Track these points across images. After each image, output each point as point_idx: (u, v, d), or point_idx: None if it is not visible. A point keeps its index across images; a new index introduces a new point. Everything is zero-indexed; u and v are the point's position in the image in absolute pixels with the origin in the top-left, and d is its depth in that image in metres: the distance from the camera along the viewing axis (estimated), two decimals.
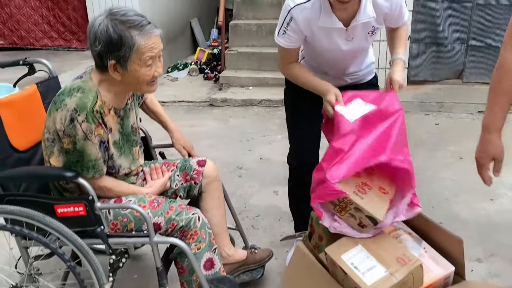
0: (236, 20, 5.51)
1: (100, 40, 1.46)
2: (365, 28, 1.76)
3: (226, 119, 4.40)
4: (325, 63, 1.92)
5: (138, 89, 1.60)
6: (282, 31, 1.76)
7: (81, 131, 1.47)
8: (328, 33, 1.75)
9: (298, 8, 1.69)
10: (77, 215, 1.54)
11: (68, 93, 1.50)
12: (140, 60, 1.49)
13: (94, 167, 1.53)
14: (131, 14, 1.49)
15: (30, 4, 5.31)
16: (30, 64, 1.93)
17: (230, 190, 2.94)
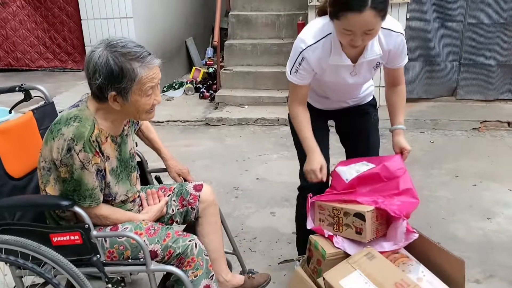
0: (231, 40, 5.56)
1: (100, 72, 1.45)
2: (370, 63, 1.82)
3: (222, 138, 4.40)
4: (329, 91, 1.98)
5: (137, 117, 1.61)
6: (295, 70, 1.81)
7: (78, 161, 1.47)
8: (336, 69, 1.81)
9: (310, 49, 1.75)
10: (73, 243, 1.52)
11: (65, 122, 1.50)
12: (141, 91, 1.50)
13: (91, 196, 1.53)
14: (131, 46, 1.49)
15: (26, 26, 5.34)
16: (26, 90, 1.93)
17: (226, 212, 2.93)
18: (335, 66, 1.79)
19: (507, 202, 2.98)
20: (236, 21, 5.58)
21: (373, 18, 1.55)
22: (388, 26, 1.73)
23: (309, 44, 1.74)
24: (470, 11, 4.63)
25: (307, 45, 1.74)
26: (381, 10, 1.55)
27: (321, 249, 1.71)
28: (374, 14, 1.54)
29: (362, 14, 1.53)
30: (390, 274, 1.54)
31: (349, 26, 1.58)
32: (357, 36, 1.60)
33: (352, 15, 1.55)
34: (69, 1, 5.16)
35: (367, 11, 1.53)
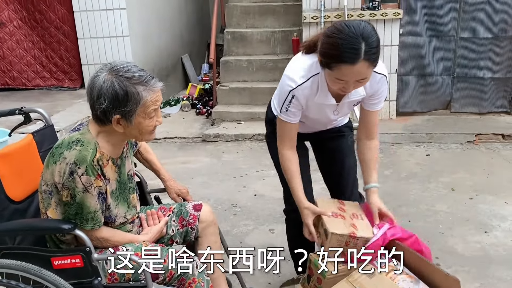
0: (227, 56, 5.62)
1: (105, 97, 1.47)
2: (352, 102, 1.87)
3: (219, 154, 4.42)
4: (311, 122, 1.99)
5: (139, 139, 1.63)
6: (285, 108, 1.81)
7: (80, 184, 1.48)
8: (320, 107, 1.85)
9: (300, 88, 1.76)
10: (74, 266, 1.52)
11: (66, 146, 1.52)
12: (145, 114, 1.53)
13: (93, 219, 1.54)
14: (135, 70, 1.52)
15: (23, 46, 5.37)
16: (26, 113, 1.95)
17: (225, 229, 2.94)
18: (320, 104, 1.82)
19: (503, 216, 3.00)
20: (231, 38, 5.65)
21: (366, 68, 1.58)
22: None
23: (298, 83, 1.76)
24: (461, 26, 4.71)
25: (297, 84, 1.76)
26: (373, 60, 1.58)
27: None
28: (367, 65, 1.57)
29: (355, 66, 1.55)
30: None
31: (342, 76, 1.60)
32: (349, 84, 1.63)
33: (345, 67, 1.57)
34: (66, 21, 5.20)
35: (360, 63, 1.55)
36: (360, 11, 4.67)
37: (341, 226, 1.73)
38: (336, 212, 1.82)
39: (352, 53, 1.54)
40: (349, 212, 1.85)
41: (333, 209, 1.83)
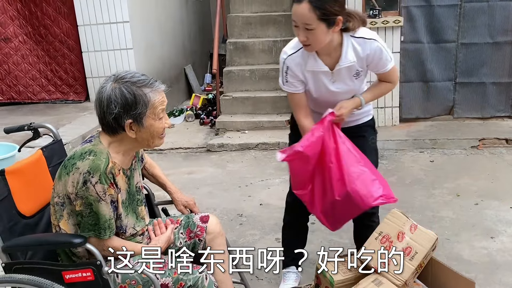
0: (230, 66, 5.67)
1: (116, 103, 1.54)
2: (349, 71, 1.97)
3: (224, 164, 4.44)
4: (319, 103, 2.09)
5: (150, 144, 1.66)
6: (285, 80, 2.02)
7: (95, 193, 1.51)
8: (315, 76, 1.98)
9: (290, 58, 1.98)
10: (85, 280, 1.55)
11: (79, 157, 1.55)
12: (154, 114, 1.59)
13: (109, 227, 1.57)
14: (139, 75, 1.60)
15: (28, 60, 5.43)
16: (35, 129, 1.98)
17: (232, 239, 2.95)
18: (315, 73, 1.97)
19: (509, 220, 3.01)
20: (233, 48, 5.70)
21: (307, 11, 1.76)
22: (361, 35, 1.93)
23: (289, 54, 1.97)
24: (462, 32, 4.74)
25: (288, 55, 1.98)
26: (316, 7, 1.76)
27: (329, 277, 1.74)
28: (309, 7, 1.76)
29: (300, 5, 1.78)
30: None
31: (293, 16, 1.82)
32: (300, 30, 1.82)
33: (295, 6, 1.80)
34: (70, 35, 5.27)
35: (303, 4, 1.77)
36: None
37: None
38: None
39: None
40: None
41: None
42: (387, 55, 1.96)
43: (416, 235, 1.70)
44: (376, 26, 4.67)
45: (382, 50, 1.94)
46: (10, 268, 1.58)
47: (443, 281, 1.72)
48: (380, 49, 1.94)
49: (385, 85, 2.06)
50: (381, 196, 1.77)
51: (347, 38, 1.91)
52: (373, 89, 2.07)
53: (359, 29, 1.91)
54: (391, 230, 1.74)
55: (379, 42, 1.93)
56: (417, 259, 1.65)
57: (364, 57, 1.94)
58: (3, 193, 1.63)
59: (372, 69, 2.01)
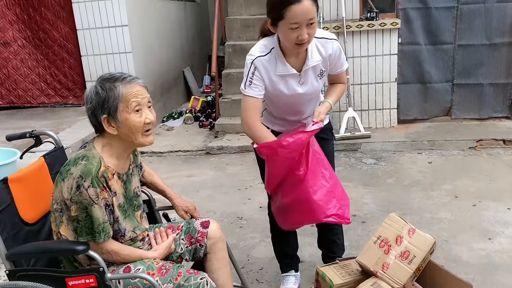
0: (228, 69, 5.69)
1: (91, 99, 1.63)
2: (314, 71, 2.02)
3: (224, 167, 4.46)
4: (284, 108, 2.12)
5: (135, 141, 1.67)
6: (249, 82, 1.97)
7: (88, 196, 1.54)
8: (285, 80, 2.00)
9: (259, 59, 1.96)
10: (88, 287, 1.56)
11: (73, 162, 1.58)
12: (128, 107, 1.62)
13: (103, 230, 1.59)
14: (116, 73, 1.68)
15: (27, 64, 5.45)
16: (37, 136, 2.00)
17: (232, 243, 2.97)
18: (283, 76, 1.98)
19: (507, 221, 3.03)
20: (232, 51, 5.72)
21: (311, 6, 1.78)
22: (323, 35, 1.98)
23: (257, 55, 1.96)
24: (459, 33, 4.78)
25: (256, 56, 1.96)
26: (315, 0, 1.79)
27: (328, 281, 1.76)
28: (311, 2, 1.78)
29: (302, 3, 1.77)
30: None
31: (294, 18, 1.78)
32: (302, 29, 1.80)
33: (294, 7, 1.77)
34: (69, 39, 5.29)
35: (305, 1, 1.77)
36: (358, 22, 4.74)
37: None
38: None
39: None
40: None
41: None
42: (344, 56, 2.07)
43: (414, 239, 1.72)
44: (373, 28, 4.70)
45: (341, 50, 2.04)
46: (14, 275, 1.60)
47: (441, 284, 1.75)
48: (340, 49, 2.03)
49: (340, 86, 2.14)
50: (333, 215, 1.83)
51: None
52: (334, 92, 2.13)
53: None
54: (390, 234, 1.76)
55: (338, 42, 2.02)
56: (415, 262, 1.67)
57: (326, 57, 2.00)
58: (6, 201, 1.65)
59: (331, 69, 2.07)
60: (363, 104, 5.00)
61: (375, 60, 4.84)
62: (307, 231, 2.92)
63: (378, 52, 4.81)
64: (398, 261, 1.70)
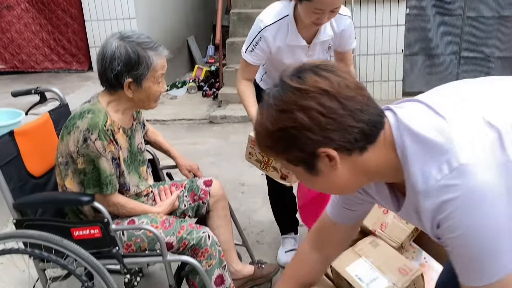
0: (233, 38, 5.63)
1: (119, 60, 1.57)
2: (323, 45, 2.00)
3: (227, 136, 4.48)
4: None
5: (146, 105, 1.70)
6: (251, 49, 1.94)
7: (95, 149, 1.56)
8: (292, 50, 1.96)
9: (268, 29, 1.89)
10: (92, 237, 1.61)
11: (79, 116, 1.60)
12: (154, 78, 1.62)
13: (110, 182, 1.62)
14: (144, 37, 1.63)
15: (31, 29, 5.41)
16: (41, 92, 2.02)
17: (234, 207, 2.98)
18: (292, 47, 1.94)
19: None
20: (237, 19, 5.65)
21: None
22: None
23: (267, 24, 1.88)
24: (469, 4, 4.69)
25: (266, 25, 1.88)
26: None
27: None
28: None
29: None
30: (393, 260, 1.62)
31: (321, 5, 1.73)
32: (324, 15, 1.76)
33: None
34: (73, 3, 5.23)
35: None
36: None
37: None
38: None
39: None
40: None
41: None
42: (354, 34, 2.05)
43: None
44: None
45: (353, 27, 2.02)
46: (21, 225, 1.64)
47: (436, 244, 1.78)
48: (352, 27, 2.01)
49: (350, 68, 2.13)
50: None
51: None
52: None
53: None
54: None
55: (352, 19, 2.00)
56: None
57: (338, 33, 1.98)
58: (13, 152, 1.68)
59: (339, 46, 2.05)
60: (369, 76, 4.96)
61: (382, 31, 4.78)
62: None
63: (385, 22, 4.75)
64: (396, 220, 1.73)
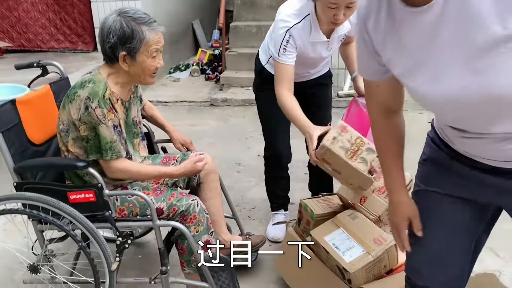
0: (237, 22, 5.69)
1: (114, 34, 1.66)
2: (339, 37, 2.07)
3: (226, 118, 4.57)
4: (301, 65, 2.09)
5: (142, 80, 1.79)
6: (283, 49, 1.95)
7: (95, 116, 1.65)
8: (314, 46, 2.03)
9: (294, 29, 1.94)
10: (87, 201, 1.71)
11: (80, 85, 1.69)
12: (148, 52, 1.70)
13: (111, 148, 1.69)
14: (141, 13, 1.72)
15: (38, 8, 5.49)
16: (43, 66, 2.11)
17: (229, 184, 3.10)
18: (314, 43, 2.00)
19: None
20: (241, 3, 5.71)
21: None
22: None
23: (293, 23, 1.93)
24: None
25: (293, 24, 1.93)
26: None
27: (310, 211, 1.89)
28: None
29: None
30: (369, 231, 1.72)
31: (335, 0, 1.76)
32: (340, 10, 1.79)
33: None
34: None
35: None
36: None
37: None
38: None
39: None
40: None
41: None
42: None
43: None
44: None
45: None
46: (21, 187, 1.75)
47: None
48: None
49: (353, 45, 2.21)
50: None
51: None
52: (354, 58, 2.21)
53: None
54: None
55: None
56: None
57: (353, 23, 2.01)
58: (15, 120, 1.78)
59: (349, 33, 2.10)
60: None
61: None
62: (300, 177, 3.05)
63: None
64: (376, 195, 1.82)
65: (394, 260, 1.68)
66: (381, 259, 1.63)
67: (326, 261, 1.73)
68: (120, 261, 1.77)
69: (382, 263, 1.65)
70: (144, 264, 2.25)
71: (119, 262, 1.77)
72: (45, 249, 1.85)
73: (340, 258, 1.63)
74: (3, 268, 2.27)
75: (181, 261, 1.87)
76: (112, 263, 1.74)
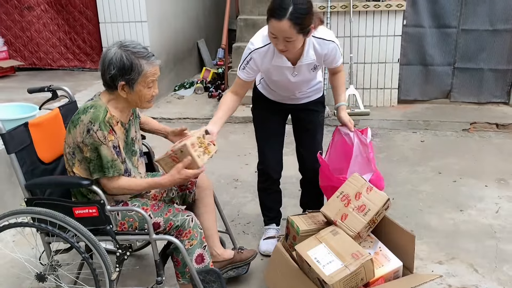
0: (239, 42, 5.90)
1: (115, 65, 1.83)
2: (308, 66, 2.22)
3: (227, 135, 4.74)
4: (277, 87, 2.36)
5: (139, 105, 1.97)
6: (243, 67, 2.21)
7: (97, 138, 1.82)
8: (279, 69, 2.21)
9: (257, 51, 2.15)
10: (90, 216, 1.88)
11: (83, 111, 1.87)
12: (145, 83, 1.88)
13: (112, 166, 1.85)
14: (140, 48, 1.89)
15: (49, 28, 5.75)
16: (54, 90, 2.30)
17: (225, 200, 3.27)
18: (279, 67, 2.18)
19: (481, 197, 3.26)
20: (244, 25, 5.92)
21: (288, 28, 1.91)
22: (321, 35, 2.14)
23: (257, 47, 2.13)
24: (463, 18, 4.89)
25: (255, 48, 2.14)
26: (296, 24, 1.91)
27: (296, 227, 2.04)
28: (289, 24, 1.91)
29: (281, 22, 1.90)
30: (348, 246, 1.86)
31: (272, 30, 1.96)
32: (279, 41, 1.98)
33: (274, 21, 1.93)
34: (89, 6, 5.55)
35: (285, 21, 1.89)
36: (365, 2, 4.88)
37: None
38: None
39: (280, 10, 1.90)
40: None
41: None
42: (340, 53, 2.25)
43: (371, 195, 1.98)
44: (379, 9, 4.85)
45: (337, 49, 2.21)
46: (31, 203, 1.92)
47: (391, 235, 2.02)
48: (336, 49, 2.20)
49: (340, 75, 2.37)
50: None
51: (309, 38, 2.10)
52: (340, 88, 2.38)
53: (318, 28, 2.10)
54: (351, 190, 2.02)
55: (336, 43, 2.18)
56: (369, 215, 1.93)
57: (322, 55, 2.19)
58: (27, 141, 1.96)
59: (326, 64, 2.29)
60: (365, 83, 5.18)
61: (379, 41, 5.00)
62: (294, 193, 3.19)
63: (382, 32, 4.97)
64: (355, 213, 1.96)
65: (371, 273, 1.82)
66: (358, 272, 1.77)
67: (308, 273, 1.87)
68: (120, 271, 1.93)
69: (359, 276, 1.78)
70: (142, 275, 2.40)
71: (119, 272, 1.93)
72: (52, 259, 2.01)
73: (321, 271, 1.77)
74: (12, 277, 2.44)
75: (176, 272, 2.02)
76: (112, 273, 1.89)
